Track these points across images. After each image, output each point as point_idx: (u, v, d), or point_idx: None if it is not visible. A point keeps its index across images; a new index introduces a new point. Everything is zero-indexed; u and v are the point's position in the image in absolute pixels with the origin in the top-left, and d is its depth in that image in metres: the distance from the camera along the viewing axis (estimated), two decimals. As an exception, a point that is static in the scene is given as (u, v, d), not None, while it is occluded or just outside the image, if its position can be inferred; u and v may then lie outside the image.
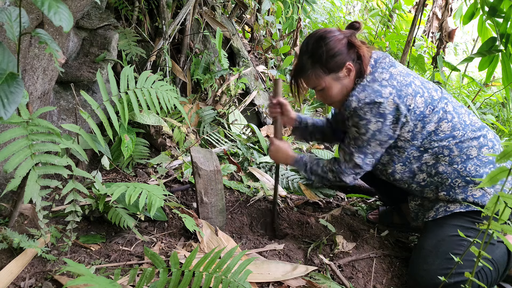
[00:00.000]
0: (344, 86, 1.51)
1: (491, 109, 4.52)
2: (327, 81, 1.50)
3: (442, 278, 1.08)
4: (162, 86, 1.58)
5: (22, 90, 0.90)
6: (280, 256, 1.55)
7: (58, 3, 0.89)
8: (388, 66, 1.48)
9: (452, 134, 1.44)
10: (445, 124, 1.45)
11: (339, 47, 1.45)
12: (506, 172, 0.88)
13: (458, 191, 1.44)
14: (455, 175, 1.44)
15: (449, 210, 1.45)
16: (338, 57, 1.45)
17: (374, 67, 1.48)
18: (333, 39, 1.45)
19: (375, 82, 1.44)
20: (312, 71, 1.49)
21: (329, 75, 1.48)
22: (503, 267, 1.40)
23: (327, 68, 1.47)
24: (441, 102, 1.47)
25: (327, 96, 1.55)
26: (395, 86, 1.41)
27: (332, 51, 1.44)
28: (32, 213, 1.31)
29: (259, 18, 3.91)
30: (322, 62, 1.46)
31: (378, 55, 1.51)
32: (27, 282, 1.16)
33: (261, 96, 3.31)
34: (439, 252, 1.39)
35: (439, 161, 1.46)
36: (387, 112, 1.39)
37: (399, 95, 1.39)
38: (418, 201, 1.60)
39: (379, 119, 1.40)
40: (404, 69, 1.50)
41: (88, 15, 2.04)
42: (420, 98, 1.43)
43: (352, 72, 1.48)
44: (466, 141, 1.44)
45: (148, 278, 1.09)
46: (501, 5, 2.29)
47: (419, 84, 1.46)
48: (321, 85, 1.51)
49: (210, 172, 1.61)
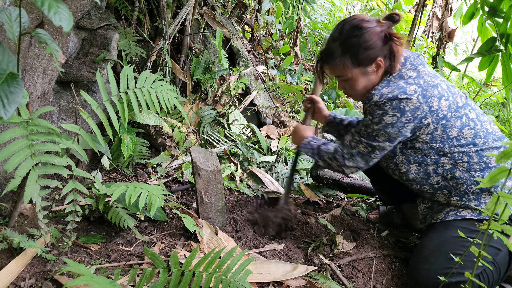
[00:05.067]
0: (370, 82, 1.46)
1: (491, 109, 4.52)
2: (354, 73, 1.44)
3: (442, 278, 1.08)
4: (162, 86, 1.58)
5: (22, 90, 0.90)
6: (280, 256, 1.55)
7: (58, 3, 0.89)
8: (417, 64, 1.43)
9: (473, 141, 1.41)
10: (468, 130, 1.42)
11: (374, 40, 1.38)
12: (506, 172, 0.88)
13: (472, 198, 1.41)
14: (471, 181, 1.41)
15: (460, 215, 1.43)
16: (371, 50, 1.39)
17: (404, 65, 1.44)
18: (370, 30, 1.37)
19: (401, 79, 1.40)
20: (341, 60, 1.43)
21: (358, 68, 1.42)
22: (504, 268, 1.40)
23: (357, 60, 1.41)
24: (464, 109, 1.43)
25: (350, 88, 1.50)
26: (421, 85, 1.37)
27: (366, 44, 1.38)
28: (32, 213, 1.31)
29: (259, 18, 3.91)
30: (353, 53, 1.40)
31: (408, 53, 1.47)
32: (27, 282, 1.16)
33: (261, 96, 3.31)
34: (441, 252, 1.38)
35: (457, 166, 1.42)
36: (408, 109, 1.35)
37: (424, 95, 1.36)
38: (428, 203, 1.56)
39: (396, 113, 1.36)
40: (432, 70, 1.47)
41: (88, 15, 2.04)
42: (445, 101, 1.39)
43: (381, 69, 1.43)
44: (486, 150, 1.41)
45: (148, 278, 1.09)
46: (501, 5, 2.29)
47: (445, 87, 1.42)
48: (346, 76, 1.45)
49: (210, 172, 1.61)
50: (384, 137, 1.42)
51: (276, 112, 3.36)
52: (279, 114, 3.36)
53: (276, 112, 3.36)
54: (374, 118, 1.40)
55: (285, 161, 2.58)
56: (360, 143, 1.48)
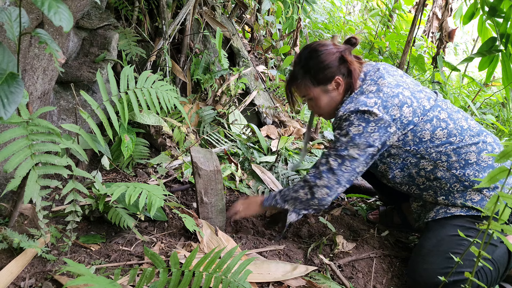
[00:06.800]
0: (333, 99, 1.56)
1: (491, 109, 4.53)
2: (316, 92, 1.55)
3: (442, 278, 1.08)
4: (162, 86, 1.58)
5: (22, 90, 0.90)
6: (280, 256, 1.55)
7: (58, 3, 0.89)
8: (377, 78, 1.50)
9: (448, 140, 1.45)
10: (440, 131, 1.45)
11: (330, 60, 1.49)
12: (506, 172, 0.88)
13: (457, 196, 1.45)
14: (454, 180, 1.44)
15: (449, 212, 1.45)
16: (328, 70, 1.50)
17: (364, 80, 1.52)
18: (325, 52, 1.50)
19: (362, 94, 1.47)
20: (302, 81, 1.55)
21: (318, 87, 1.54)
22: (503, 267, 1.40)
23: (316, 80, 1.52)
24: (433, 111, 1.47)
25: (316, 106, 1.60)
26: (381, 97, 1.43)
27: (322, 64, 1.49)
28: (32, 213, 1.31)
29: (259, 18, 3.91)
30: (312, 74, 1.52)
31: (368, 68, 1.56)
32: (27, 282, 1.16)
33: (261, 96, 3.31)
34: (439, 251, 1.39)
35: (437, 166, 1.46)
36: (371, 119, 1.41)
37: (385, 106, 1.42)
38: (420, 202, 1.60)
39: (361, 123, 1.42)
40: (394, 80, 1.51)
41: (88, 15, 2.04)
42: (407, 108, 1.44)
43: (341, 86, 1.53)
44: (464, 147, 1.44)
45: (148, 278, 1.09)
46: (501, 5, 2.29)
47: (408, 94, 1.47)
48: (310, 95, 1.57)
49: (210, 172, 1.61)
50: (353, 148, 1.45)
51: (276, 112, 3.36)
52: (279, 114, 3.36)
53: (276, 112, 3.36)
54: (342, 130, 1.46)
55: (285, 161, 2.58)
56: (329, 157, 1.49)
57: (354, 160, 1.46)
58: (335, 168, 1.48)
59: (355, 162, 1.47)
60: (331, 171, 1.48)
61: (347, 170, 1.48)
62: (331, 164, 1.48)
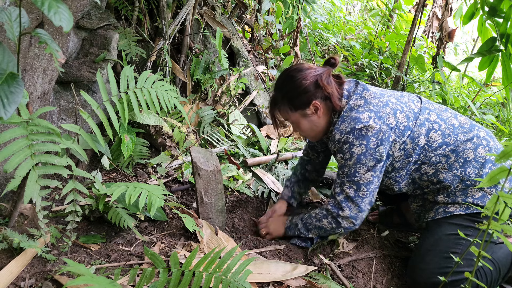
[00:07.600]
0: (313, 123, 1.53)
1: (491, 109, 4.52)
2: (295, 117, 1.54)
3: (442, 278, 1.08)
4: (162, 86, 1.57)
5: (22, 90, 0.90)
6: (280, 256, 1.55)
7: (58, 3, 0.89)
8: (361, 91, 1.49)
9: (444, 141, 1.45)
10: (434, 133, 1.45)
11: (305, 86, 1.47)
12: (506, 171, 0.88)
13: (458, 193, 1.45)
14: (457, 180, 1.44)
15: (448, 211, 1.45)
16: (303, 95, 1.48)
17: (349, 97, 1.49)
18: (300, 77, 1.47)
19: (352, 110, 1.45)
20: (281, 106, 1.54)
21: (296, 112, 1.52)
22: (505, 267, 1.40)
23: (293, 105, 1.51)
24: (423, 114, 1.48)
25: (298, 129, 1.59)
26: (372, 109, 1.42)
27: (298, 90, 1.47)
28: (32, 213, 1.31)
29: (259, 18, 3.91)
30: (289, 99, 1.51)
31: (348, 85, 1.53)
32: (27, 282, 1.16)
33: (261, 96, 3.31)
34: (436, 251, 1.39)
35: (439, 170, 1.46)
36: (370, 134, 1.38)
37: (379, 117, 1.40)
38: (420, 202, 1.60)
39: (362, 141, 1.39)
40: (377, 89, 1.51)
41: (88, 15, 2.04)
42: (400, 113, 1.43)
43: (320, 111, 1.50)
44: (460, 145, 1.44)
45: (148, 278, 1.09)
46: (501, 5, 2.29)
47: (395, 101, 1.47)
48: (290, 119, 1.56)
49: (210, 172, 1.61)
50: (363, 169, 1.42)
51: (276, 112, 3.35)
52: (279, 114, 3.35)
53: (276, 112, 3.35)
54: (345, 154, 1.43)
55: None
56: (344, 185, 1.47)
57: (369, 182, 1.44)
58: (352, 195, 1.46)
59: (370, 185, 1.45)
60: (349, 199, 1.47)
61: (365, 195, 1.46)
62: (347, 193, 1.46)
